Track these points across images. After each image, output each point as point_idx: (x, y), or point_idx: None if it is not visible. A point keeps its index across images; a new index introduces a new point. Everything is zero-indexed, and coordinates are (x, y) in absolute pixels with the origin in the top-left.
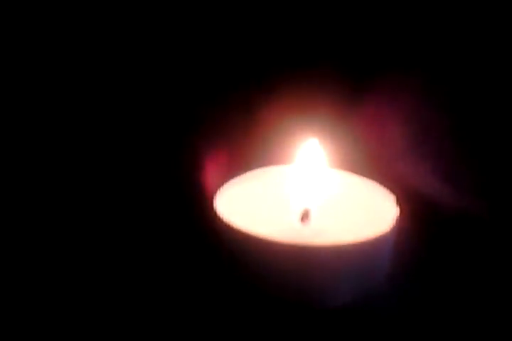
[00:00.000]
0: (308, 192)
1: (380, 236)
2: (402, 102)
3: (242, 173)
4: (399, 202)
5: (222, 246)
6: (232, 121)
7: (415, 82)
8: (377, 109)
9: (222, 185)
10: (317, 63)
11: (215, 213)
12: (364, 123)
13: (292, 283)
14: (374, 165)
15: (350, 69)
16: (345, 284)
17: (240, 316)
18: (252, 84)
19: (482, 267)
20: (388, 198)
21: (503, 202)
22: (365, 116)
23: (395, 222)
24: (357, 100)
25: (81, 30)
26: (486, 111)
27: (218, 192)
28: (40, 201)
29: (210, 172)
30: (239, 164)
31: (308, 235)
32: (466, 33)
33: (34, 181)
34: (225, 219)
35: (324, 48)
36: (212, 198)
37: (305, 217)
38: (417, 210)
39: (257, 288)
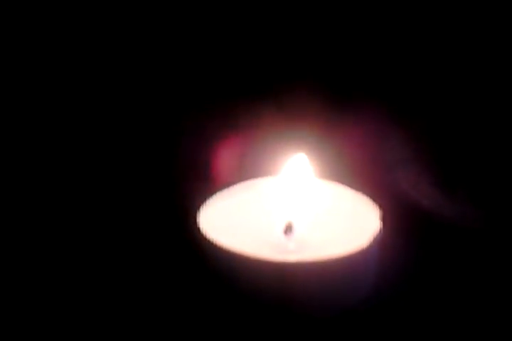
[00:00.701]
0: (292, 204)
1: (362, 250)
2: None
3: (226, 187)
4: (383, 214)
5: (206, 262)
6: (217, 135)
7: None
8: (362, 123)
9: (206, 199)
10: (303, 80)
11: (198, 228)
12: (349, 137)
13: (276, 298)
14: (359, 177)
15: (334, 86)
16: (329, 298)
17: (226, 329)
18: (240, 98)
19: (471, 276)
20: (372, 209)
21: (491, 212)
22: (349, 130)
23: (377, 234)
24: (342, 116)
25: (71, 32)
26: (471, 120)
27: (202, 206)
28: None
29: (195, 186)
30: (224, 178)
31: (292, 248)
32: (443, 48)
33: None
34: (207, 235)
35: (310, 65)
36: (196, 213)
37: (288, 229)
38: (401, 221)
39: (242, 302)
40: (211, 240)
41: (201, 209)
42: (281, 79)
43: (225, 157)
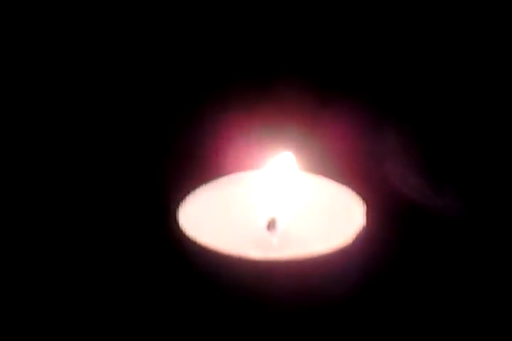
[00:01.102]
0: (276, 199)
1: (343, 247)
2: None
3: (208, 181)
4: (367, 208)
5: (186, 259)
6: (201, 129)
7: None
8: (348, 117)
9: (187, 194)
10: (288, 81)
11: (178, 224)
12: (335, 132)
13: (257, 296)
14: (345, 172)
15: (316, 85)
16: (310, 296)
17: (208, 327)
18: (224, 96)
19: (457, 269)
20: (357, 203)
21: (478, 204)
22: (335, 125)
23: (360, 231)
24: (328, 111)
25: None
26: (458, 114)
27: (182, 201)
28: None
29: (175, 180)
30: (206, 172)
31: (276, 244)
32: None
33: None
34: (187, 231)
35: (294, 66)
36: (176, 208)
37: (272, 225)
38: (388, 215)
39: (222, 299)
40: (191, 237)
41: (181, 204)
42: (268, 75)
43: (209, 150)
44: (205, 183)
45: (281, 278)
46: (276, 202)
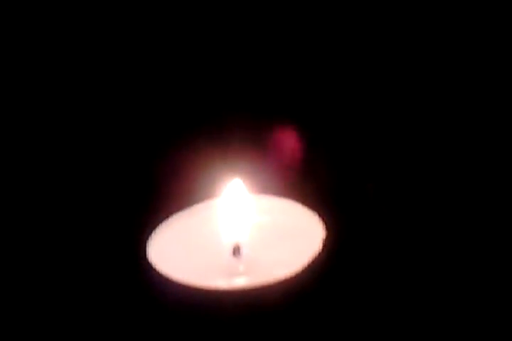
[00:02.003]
0: (238, 225)
1: (297, 273)
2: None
3: (169, 216)
4: (326, 231)
5: (154, 291)
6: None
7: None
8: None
9: (152, 229)
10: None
11: (147, 260)
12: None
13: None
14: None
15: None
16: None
17: None
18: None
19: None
20: (316, 223)
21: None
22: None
23: (314, 259)
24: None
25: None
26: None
27: (148, 237)
28: None
29: (138, 217)
30: (166, 207)
31: (242, 270)
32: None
33: None
34: (156, 266)
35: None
36: (144, 246)
37: (236, 251)
38: (345, 231)
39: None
40: (160, 270)
41: (149, 239)
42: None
43: (163, 186)
44: (168, 217)
45: (242, 305)
46: (239, 228)
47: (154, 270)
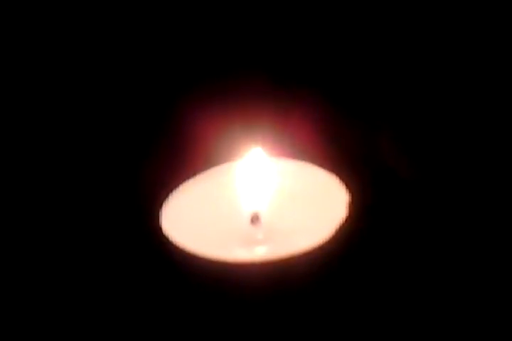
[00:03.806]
0: (257, 191)
1: (323, 243)
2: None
3: (186, 179)
4: (351, 195)
5: (170, 261)
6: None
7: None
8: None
9: (167, 194)
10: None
11: (161, 228)
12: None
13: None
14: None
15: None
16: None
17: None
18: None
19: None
20: (339, 188)
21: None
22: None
23: (343, 220)
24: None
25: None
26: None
27: (163, 203)
28: None
29: (153, 182)
30: (183, 171)
31: (261, 238)
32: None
33: None
34: (170, 236)
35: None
36: (158, 211)
37: (255, 219)
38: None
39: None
40: (174, 241)
41: (163, 206)
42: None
43: (182, 149)
44: (184, 181)
45: (261, 277)
46: (258, 195)
47: (167, 240)
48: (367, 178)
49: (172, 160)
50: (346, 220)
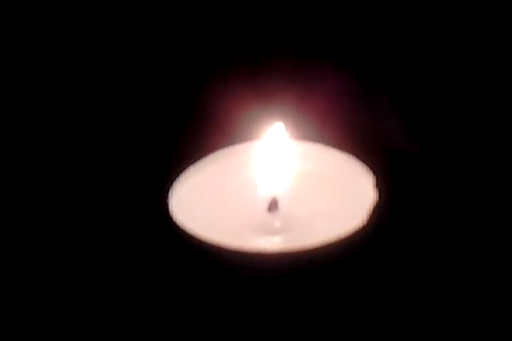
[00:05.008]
0: (275, 173)
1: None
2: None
3: (201, 158)
4: (376, 178)
5: (179, 249)
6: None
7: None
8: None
9: (179, 173)
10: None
11: (169, 212)
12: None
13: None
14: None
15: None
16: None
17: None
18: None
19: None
20: (364, 173)
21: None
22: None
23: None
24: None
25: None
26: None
27: (173, 184)
28: None
29: (166, 160)
30: (198, 150)
31: (278, 227)
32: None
33: None
34: (179, 221)
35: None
36: (168, 191)
37: (273, 206)
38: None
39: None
40: (185, 228)
41: (173, 186)
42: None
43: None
44: (197, 161)
45: (277, 269)
46: (276, 177)
47: (176, 226)
48: (391, 164)
49: (191, 137)
50: (377, 205)
